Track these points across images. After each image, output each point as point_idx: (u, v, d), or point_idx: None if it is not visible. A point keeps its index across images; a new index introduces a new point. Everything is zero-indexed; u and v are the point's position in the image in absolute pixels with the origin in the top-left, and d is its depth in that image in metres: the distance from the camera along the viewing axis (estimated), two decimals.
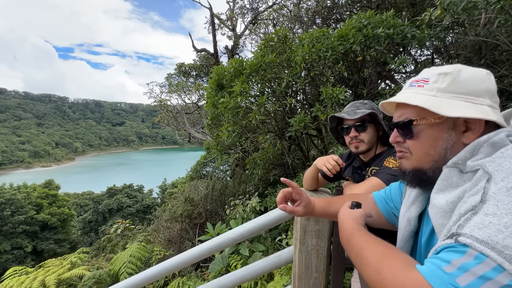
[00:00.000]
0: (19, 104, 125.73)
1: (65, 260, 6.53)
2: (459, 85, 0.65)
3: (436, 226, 0.62)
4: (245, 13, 12.27)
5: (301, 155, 4.80)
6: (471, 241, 0.46)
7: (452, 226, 0.53)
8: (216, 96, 4.03)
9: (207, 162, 10.43)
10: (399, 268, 0.54)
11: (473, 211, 0.50)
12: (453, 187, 0.60)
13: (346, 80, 3.63)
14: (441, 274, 0.46)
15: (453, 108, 0.63)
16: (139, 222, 16.83)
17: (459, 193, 0.57)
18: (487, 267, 0.43)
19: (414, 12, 4.36)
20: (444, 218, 0.59)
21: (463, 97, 0.64)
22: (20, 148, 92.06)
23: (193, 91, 13.17)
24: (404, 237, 0.81)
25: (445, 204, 0.59)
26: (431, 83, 0.68)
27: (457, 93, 0.65)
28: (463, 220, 0.51)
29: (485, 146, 0.58)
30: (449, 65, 0.69)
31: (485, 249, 0.44)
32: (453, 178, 0.61)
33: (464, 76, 0.66)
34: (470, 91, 0.65)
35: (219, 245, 1.68)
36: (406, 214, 0.81)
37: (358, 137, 1.35)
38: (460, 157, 0.62)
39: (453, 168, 0.62)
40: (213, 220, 5.44)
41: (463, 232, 0.49)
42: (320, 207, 1.04)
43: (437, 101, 0.65)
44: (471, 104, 0.64)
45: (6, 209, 20.93)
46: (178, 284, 3.77)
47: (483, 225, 0.47)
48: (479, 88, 0.65)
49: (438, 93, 0.66)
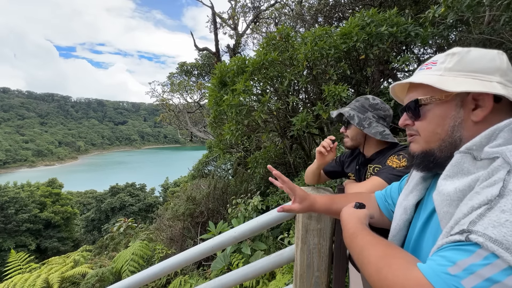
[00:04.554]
0: (22, 103, 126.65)
1: (68, 258, 6.57)
2: (467, 64, 0.64)
3: (440, 214, 0.59)
4: (246, 11, 12.24)
5: (303, 154, 4.79)
6: (483, 240, 0.43)
7: (461, 219, 0.49)
8: (219, 94, 4.02)
9: (209, 161, 10.45)
10: (400, 268, 0.52)
11: (488, 206, 0.45)
12: (463, 174, 0.56)
13: (349, 78, 3.61)
14: (445, 275, 0.44)
15: (458, 85, 0.61)
16: (141, 221, 16.89)
17: (470, 181, 0.53)
18: (496, 268, 0.41)
19: (417, 10, 4.33)
20: (450, 206, 0.56)
21: (470, 75, 0.63)
22: (24, 147, 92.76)
23: (195, 90, 13.19)
24: (399, 226, 0.79)
25: (453, 191, 0.55)
26: (439, 63, 0.68)
27: (465, 71, 0.63)
28: (475, 216, 0.46)
29: (506, 131, 0.53)
30: (455, 47, 0.68)
31: (499, 249, 0.41)
32: (464, 164, 0.56)
33: (473, 55, 0.64)
34: (478, 68, 0.63)
35: (221, 243, 1.68)
36: (403, 202, 0.80)
37: (345, 133, 1.42)
38: (475, 142, 0.56)
39: (466, 153, 0.57)
40: (215, 218, 5.45)
41: (475, 229, 0.45)
42: (322, 204, 1.03)
43: (443, 79, 0.64)
44: (478, 81, 0.62)
45: (10, 208, 21.12)
46: (180, 282, 3.78)
47: (499, 223, 0.43)
48: (488, 66, 0.63)
49: (445, 72, 0.65)
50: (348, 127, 1.41)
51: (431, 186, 0.75)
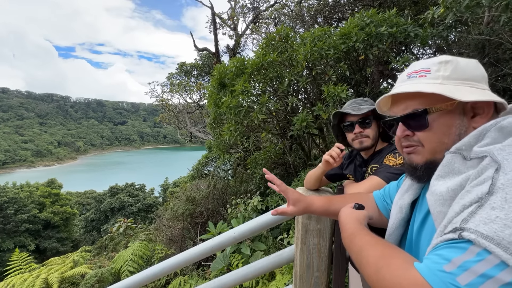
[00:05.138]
0: (21, 103, 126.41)
1: (68, 259, 6.56)
2: (461, 72, 0.65)
3: (434, 214, 0.60)
4: (246, 12, 12.25)
5: (302, 154, 4.80)
6: (475, 237, 0.44)
7: (454, 217, 0.50)
8: (218, 95, 4.02)
9: (209, 161, 10.45)
10: (397, 268, 0.53)
11: (479, 204, 0.47)
12: (454, 173, 0.57)
13: (348, 79, 3.62)
14: (441, 273, 0.45)
15: (465, 93, 0.62)
16: (141, 221, 16.86)
17: (461, 180, 0.54)
18: (488, 264, 0.42)
19: (417, 11, 4.33)
20: (443, 206, 0.57)
21: (467, 83, 0.64)
22: (23, 147, 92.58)
23: (194, 90, 13.19)
24: (395, 224, 0.80)
25: (446, 191, 0.57)
26: (434, 72, 0.67)
27: (461, 80, 0.65)
28: (467, 214, 0.48)
29: (493, 131, 0.55)
30: (440, 56, 0.69)
31: (490, 245, 0.42)
32: (455, 164, 0.58)
33: (462, 63, 0.66)
34: (470, 76, 0.65)
35: (220, 244, 1.68)
36: (399, 202, 0.80)
37: (363, 133, 1.37)
38: (464, 142, 0.58)
39: (456, 154, 0.59)
40: (214, 219, 5.44)
41: (467, 227, 0.46)
42: (320, 205, 1.03)
43: (447, 88, 0.63)
44: (475, 89, 0.64)
45: (9, 208, 21.08)
46: (180, 282, 3.78)
47: (489, 220, 0.44)
48: (477, 74, 0.66)
49: (445, 80, 0.65)
50: (367, 126, 1.37)
51: (426, 186, 0.75)
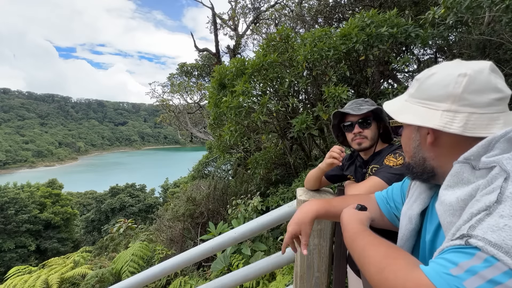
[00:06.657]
0: (22, 104, 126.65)
1: (68, 259, 6.56)
2: (422, 91, 0.68)
3: (444, 224, 0.60)
4: (247, 12, 12.28)
5: (303, 155, 4.79)
6: (483, 244, 0.44)
7: (462, 225, 0.50)
8: (218, 96, 4.03)
9: (209, 161, 10.45)
10: (401, 268, 0.52)
11: (487, 212, 0.47)
12: (464, 183, 0.57)
13: (349, 79, 3.61)
14: (447, 276, 0.44)
15: (408, 115, 0.69)
16: (141, 222, 16.88)
17: (471, 190, 0.54)
18: (497, 271, 0.41)
19: (417, 11, 4.33)
20: (453, 216, 0.57)
21: (423, 103, 0.68)
22: (24, 147, 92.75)
23: (195, 91, 13.21)
24: (405, 236, 0.79)
25: (455, 201, 0.56)
26: (410, 87, 0.74)
27: (420, 99, 0.68)
28: (475, 221, 0.48)
29: (502, 142, 0.54)
30: (431, 68, 0.69)
31: (498, 253, 0.42)
32: (464, 174, 0.57)
33: (432, 81, 0.66)
34: (430, 96, 0.66)
35: (221, 244, 1.68)
36: (407, 212, 0.80)
37: (362, 133, 1.37)
38: (472, 152, 0.58)
39: (465, 163, 0.58)
40: (215, 219, 5.44)
41: (475, 234, 0.46)
42: (320, 209, 1.03)
43: (403, 107, 0.71)
44: (427, 109, 0.66)
45: (10, 208, 21.09)
46: (180, 283, 3.78)
47: (497, 228, 0.44)
48: (439, 94, 0.64)
49: (410, 98, 0.72)
50: (367, 126, 1.37)
51: (435, 195, 0.75)
